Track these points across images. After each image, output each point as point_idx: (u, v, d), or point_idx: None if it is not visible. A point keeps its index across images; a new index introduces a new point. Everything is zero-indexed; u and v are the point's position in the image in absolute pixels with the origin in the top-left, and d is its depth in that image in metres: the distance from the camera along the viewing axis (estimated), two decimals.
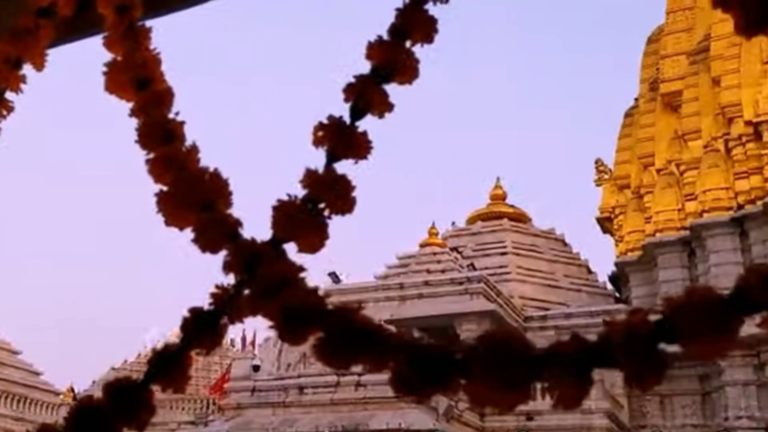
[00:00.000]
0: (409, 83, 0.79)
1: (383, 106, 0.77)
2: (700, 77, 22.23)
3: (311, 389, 16.94)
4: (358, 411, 16.40)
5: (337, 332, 0.62)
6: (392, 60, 0.77)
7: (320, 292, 0.66)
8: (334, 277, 20.85)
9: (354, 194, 0.76)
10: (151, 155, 0.81)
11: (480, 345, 0.57)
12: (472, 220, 26.48)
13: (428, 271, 20.98)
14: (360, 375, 16.41)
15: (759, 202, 19.64)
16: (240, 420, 17.60)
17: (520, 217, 26.13)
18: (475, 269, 20.99)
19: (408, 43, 0.79)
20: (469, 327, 19.38)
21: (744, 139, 20.52)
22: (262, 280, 0.67)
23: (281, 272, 0.67)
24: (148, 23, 0.95)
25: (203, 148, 0.83)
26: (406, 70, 0.78)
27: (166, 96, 0.85)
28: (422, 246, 22.60)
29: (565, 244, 25.93)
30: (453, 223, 26.44)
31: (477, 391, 0.57)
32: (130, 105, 0.86)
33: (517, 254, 24.13)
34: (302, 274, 0.69)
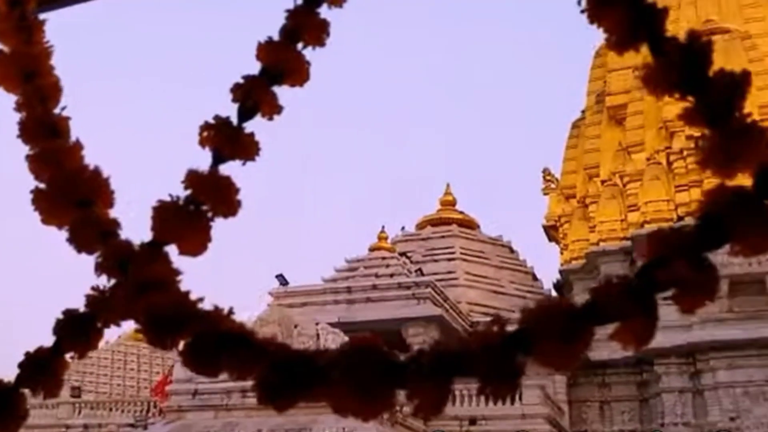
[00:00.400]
0: (300, 86, 0.78)
1: (272, 108, 0.77)
2: (645, 91, 22.77)
3: (240, 394, 16.75)
4: (301, 415, 16.28)
5: (203, 338, 0.61)
6: (282, 62, 0.76)
7: (192, 296, 0.65)
8: (282, 279, 20.70)
9: (238, 196, 0.74)
10: (32, 151, 0.78)
11: (341, 353, 0.56)
12: (421, 226, 26.64)
13: (377, 276, 21.01)
14: None
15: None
16: (180, 423, 17.30)
17: (468, 224, 26.39)
18: (423, 274, 21.10)
19: (300, 46, 0.78)
20: (416, 331, 19.46)
21: (685, 153, 21.15)
22: (131, 282, 0.66)
23: (150, 274, 0.65)
24: (44, 16, 0.92)
25: (91, 147, 0.81)
26: (296, 73, 0.77)
27: (53, 90, 0.83)
28: (371, 250, 22.62)
29: (512, 251, 26.28)
30: (403, 228, 26.56)
31: (339, 399, 0.56)
32: (16, 98, 0.83)
33: (465, 260, 24.35)
34: (177, 278, 0.68)
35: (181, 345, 0.63)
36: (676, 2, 23.83)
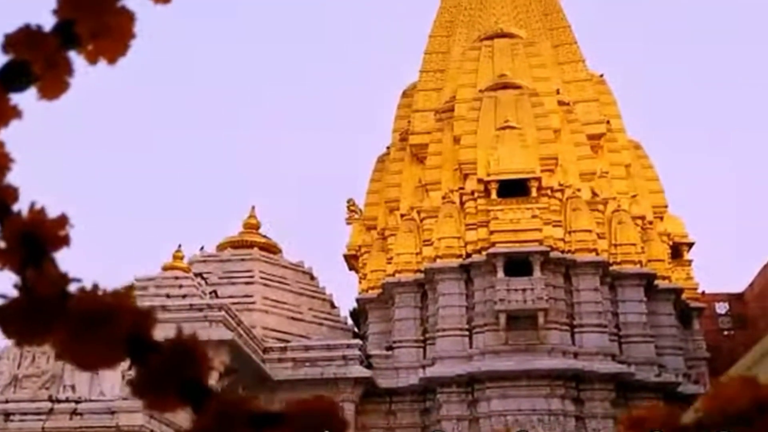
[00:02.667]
0: None
1: None
2: (444, 134, 24.30)
3: (19, 416, 15.23)
4: None
5: None
6: None
7: None
8: None
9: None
10: None
11: None
12: (222, 247, 26.01)
13: (168, 296, 20.11)
14: (77, 402, 15.11)
15: (483, 253, 21.76)
16: None
17: (270, 248, 26.20)
18: (217, 297, 20.55)
19: None
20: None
21: (476, 194, 22.71)
22: None
23: None
24: None
25: None
26: None
27: None
28: (165, 269, 21.64)
29: (313, 278, 26.45)
30: (202, 248, 25.76)
31: None
32: None
33: (265, 285, 24.10)
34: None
35: None
36: (476, 56, 25.76)
